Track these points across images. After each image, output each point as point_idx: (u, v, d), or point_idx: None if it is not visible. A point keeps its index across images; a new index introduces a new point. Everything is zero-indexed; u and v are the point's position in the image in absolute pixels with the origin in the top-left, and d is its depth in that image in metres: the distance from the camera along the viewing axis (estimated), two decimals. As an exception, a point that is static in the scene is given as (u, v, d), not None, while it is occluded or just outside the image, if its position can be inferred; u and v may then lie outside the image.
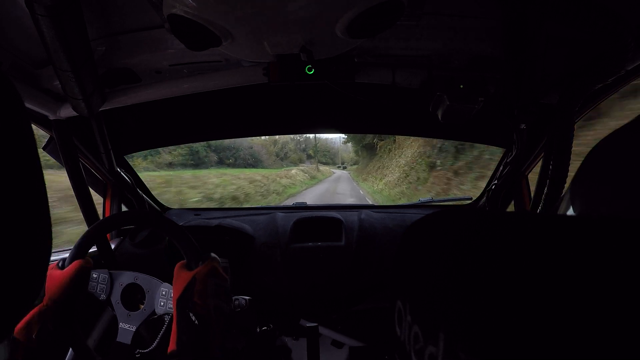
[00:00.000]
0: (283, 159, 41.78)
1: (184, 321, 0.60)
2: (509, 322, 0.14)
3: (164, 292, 0.84)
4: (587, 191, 0.25)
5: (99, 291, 0.86)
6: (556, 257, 0.14)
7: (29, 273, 0.25)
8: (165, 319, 0.86)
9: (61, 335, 0.68)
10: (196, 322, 0.59)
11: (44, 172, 0.27)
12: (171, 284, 0.76)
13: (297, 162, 44.88)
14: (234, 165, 21.82)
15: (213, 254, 0.71)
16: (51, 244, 0.28)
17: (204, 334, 0.59)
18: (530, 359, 0.13)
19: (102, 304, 0.87)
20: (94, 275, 0.86)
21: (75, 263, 0.72)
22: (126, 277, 0.86)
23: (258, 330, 1.04)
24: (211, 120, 1.34)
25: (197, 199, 9.76)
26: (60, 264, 0.74)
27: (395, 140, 17.45)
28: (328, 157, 65.28)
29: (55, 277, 0.71)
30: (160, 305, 0.83)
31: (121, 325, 0.83)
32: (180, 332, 0.60)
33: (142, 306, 0.84)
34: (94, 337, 0.90)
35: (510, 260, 0.15)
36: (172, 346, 0.60)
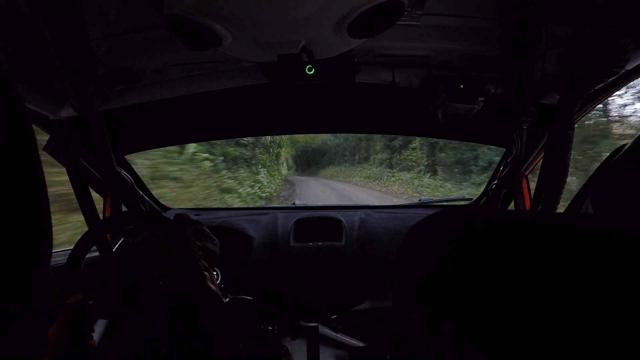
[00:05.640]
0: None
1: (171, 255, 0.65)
2: (511, 318, 0.14)
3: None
4: (611, 194, 0.25)
5: None
6: (556, 256, 0.14)
7: (29, 273, 0.25)
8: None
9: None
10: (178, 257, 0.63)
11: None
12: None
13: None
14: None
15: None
16: (52, 244, 0.28)
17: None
18: (532, 353, 0.13)
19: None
20: None
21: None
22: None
23: (262, 328, 1.03)
24: (211, 120, 1.34)
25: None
26: None
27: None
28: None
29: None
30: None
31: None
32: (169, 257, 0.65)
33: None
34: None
35: (510, 258, 0.16)
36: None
